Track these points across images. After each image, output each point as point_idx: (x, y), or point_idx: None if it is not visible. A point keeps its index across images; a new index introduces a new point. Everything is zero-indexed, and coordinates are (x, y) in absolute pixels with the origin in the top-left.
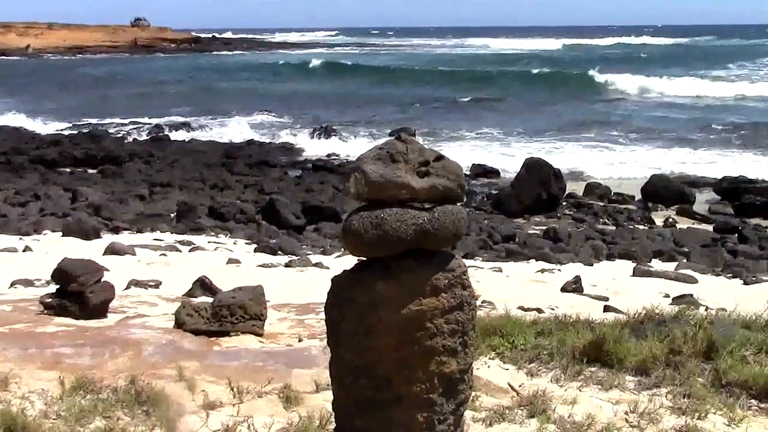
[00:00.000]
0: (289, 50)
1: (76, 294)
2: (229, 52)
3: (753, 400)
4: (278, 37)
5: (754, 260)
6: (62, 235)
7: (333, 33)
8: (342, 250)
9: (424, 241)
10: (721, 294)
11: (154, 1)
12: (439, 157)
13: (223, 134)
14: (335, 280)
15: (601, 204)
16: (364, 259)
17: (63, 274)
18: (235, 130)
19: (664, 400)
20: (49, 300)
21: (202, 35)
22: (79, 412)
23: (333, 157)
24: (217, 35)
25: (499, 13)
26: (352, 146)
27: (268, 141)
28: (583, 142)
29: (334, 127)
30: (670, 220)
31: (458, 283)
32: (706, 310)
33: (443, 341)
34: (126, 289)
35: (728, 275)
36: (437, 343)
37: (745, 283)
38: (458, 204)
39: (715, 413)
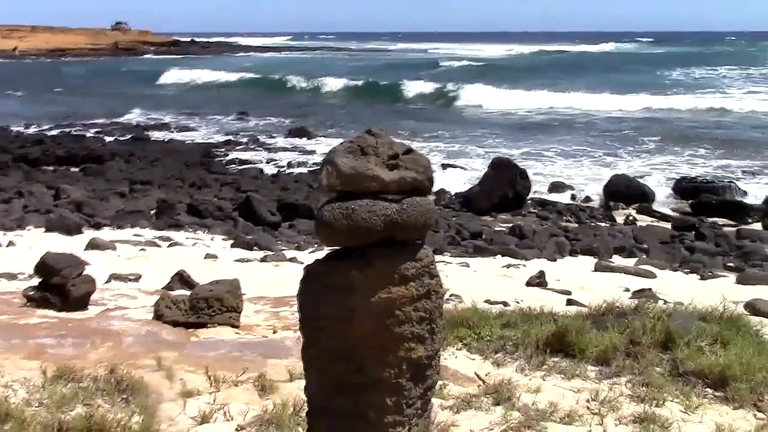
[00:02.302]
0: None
1: (59, 287)
2: (207, 56)
3: (708, 389)
4: (255, 41)
5: (710, 257)
6: (45, 231)
7: (289, 37)
8: (316, 245)
9: (394, 231)
10: (678, 288)
11: (134, 5)
12: (408, 151)
13: (201, 135)
14: (309, 269)
15: (565, 203)
16: (337, 249)
17: (46, 267)
18: (212, 130)
19: (623, 389)
20: (32, 293)
21: (181, 39)
22: (61, 399)
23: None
24: (195, 39)
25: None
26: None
27: (245, 141)
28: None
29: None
30: (631, 217)
31: (426, 272)
32: (664, 303)
33: (411, 328)
34: (107, 282)
35: (686, 270)
36: (406, 330)
37: (702, 278)
38: (427, 196)
39: (672, 401)
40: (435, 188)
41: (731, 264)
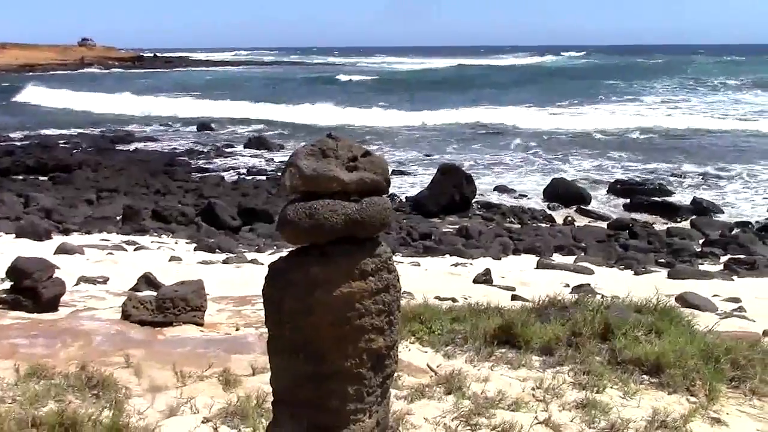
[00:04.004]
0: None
1: (30, 289)
2: (168, 70)
3: (645, 376)
4: (214, 55)
5: (643, 253)
6: (16, 237)
7: (234, 53)
8: (275, 248)
9: (354, 229)
10: (615, 283)
11: (100, 22)
12: (367, 153)
13: (164, 144)
14: (273, 266)
15: (508, 205)
16: (299, 247)
17: (17, 271)
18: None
19: (566, 377)
20: (4, 295)
21: (145, 54)
22: (33, 396)
23: None
24: (158, 54)
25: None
26: None
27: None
28: None
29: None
30: (569, 218)
31: (384, 267)
32: (602, 297)
33: (371, 320)
34: (76, 285)
35: (621, 267)
36: (366, 322)
37: (636, 274)
38: (384, 196)
39: (611, 387)
40: None
41: (662, 260)
